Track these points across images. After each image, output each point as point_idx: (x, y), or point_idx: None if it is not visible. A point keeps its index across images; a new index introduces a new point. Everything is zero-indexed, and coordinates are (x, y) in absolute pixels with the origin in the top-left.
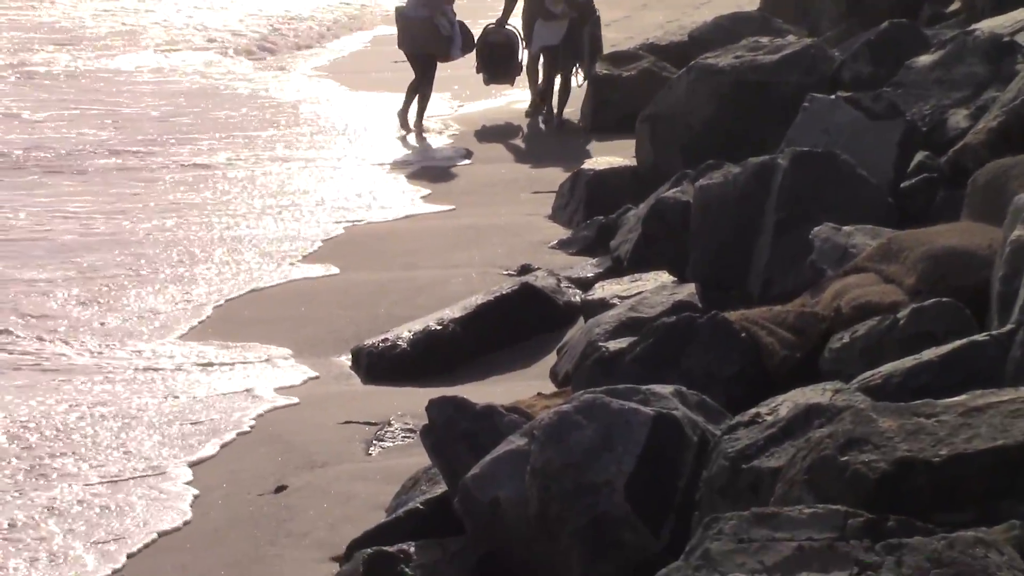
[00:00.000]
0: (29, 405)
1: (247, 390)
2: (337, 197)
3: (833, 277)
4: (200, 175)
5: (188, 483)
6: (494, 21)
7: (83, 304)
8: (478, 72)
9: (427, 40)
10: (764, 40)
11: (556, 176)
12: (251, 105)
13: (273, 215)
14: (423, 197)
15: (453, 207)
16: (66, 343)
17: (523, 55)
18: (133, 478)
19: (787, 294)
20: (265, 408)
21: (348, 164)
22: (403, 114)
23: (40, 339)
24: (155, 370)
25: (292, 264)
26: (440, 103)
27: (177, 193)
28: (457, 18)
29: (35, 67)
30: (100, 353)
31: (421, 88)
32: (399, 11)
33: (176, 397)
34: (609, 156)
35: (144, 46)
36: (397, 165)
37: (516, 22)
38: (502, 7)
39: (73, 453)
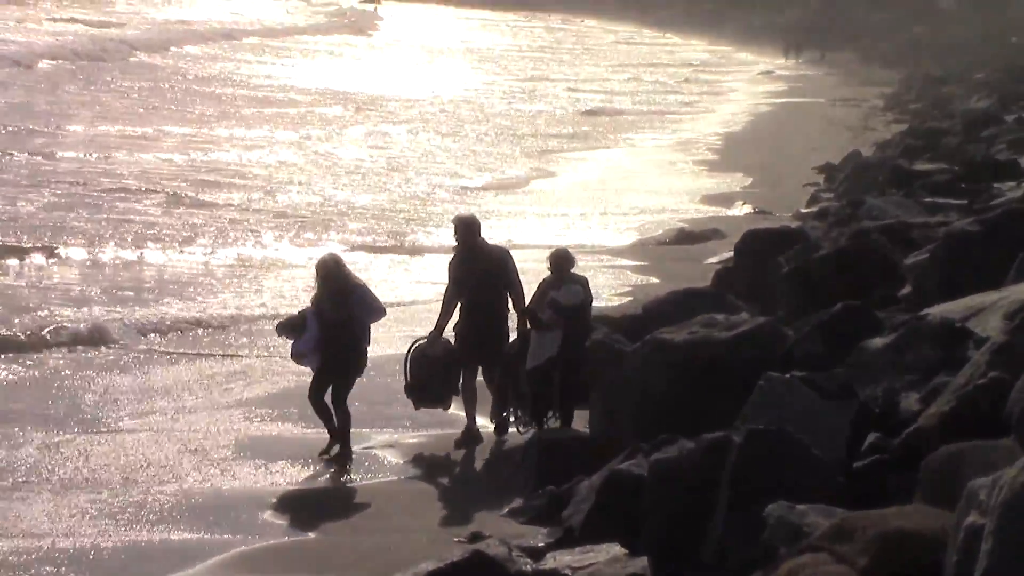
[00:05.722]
0: None
1: None
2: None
3: (787, 555)
4: None
5: None
6: (426, 335)
7: None
8: (407, 396)
9: None
10: (719, 317)
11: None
12: None
13: None
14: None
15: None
16: None
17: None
18: None
19: (741, 568)
20: None
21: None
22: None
23: None
24: None
25: None
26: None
27: None
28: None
29: None
30: None
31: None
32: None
33: None
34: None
35: None
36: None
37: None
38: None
39: None
